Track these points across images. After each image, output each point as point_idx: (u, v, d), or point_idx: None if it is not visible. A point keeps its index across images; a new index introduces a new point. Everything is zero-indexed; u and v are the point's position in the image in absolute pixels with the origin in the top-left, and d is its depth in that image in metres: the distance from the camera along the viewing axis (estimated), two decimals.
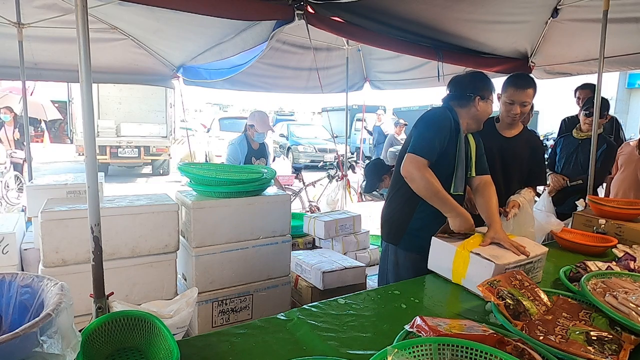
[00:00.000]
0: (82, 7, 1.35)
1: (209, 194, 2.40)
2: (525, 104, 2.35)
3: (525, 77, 2.42)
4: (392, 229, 2.19)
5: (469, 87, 2.08)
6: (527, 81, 2.36)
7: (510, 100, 2.37)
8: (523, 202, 2.35)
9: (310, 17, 2.80)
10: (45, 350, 0.73)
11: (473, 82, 2.10)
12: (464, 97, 2.08)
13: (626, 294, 1.35)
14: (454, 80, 2.17)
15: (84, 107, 1.38)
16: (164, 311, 1.34)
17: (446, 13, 3.31)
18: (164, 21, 3.34)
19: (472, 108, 2.07)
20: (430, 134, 1.95)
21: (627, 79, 15.32)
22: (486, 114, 2.12)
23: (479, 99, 2.05)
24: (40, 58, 3.88)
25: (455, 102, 2.11)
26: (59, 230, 1.91)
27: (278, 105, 30.60)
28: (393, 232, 2.18)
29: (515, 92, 2.34)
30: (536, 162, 2.52)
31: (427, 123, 2.00)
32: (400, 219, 2.14)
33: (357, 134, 15.64)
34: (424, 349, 0.99)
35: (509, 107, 2.39)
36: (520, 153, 2.49)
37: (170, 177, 11.60)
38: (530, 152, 2.50)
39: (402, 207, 2.13)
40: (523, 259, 1.62)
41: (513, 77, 2.43)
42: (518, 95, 2.34)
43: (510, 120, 2.44)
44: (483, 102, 2.07)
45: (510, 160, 2.49)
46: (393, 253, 2.18)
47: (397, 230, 2.15)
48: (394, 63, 4.89)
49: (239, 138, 3.81)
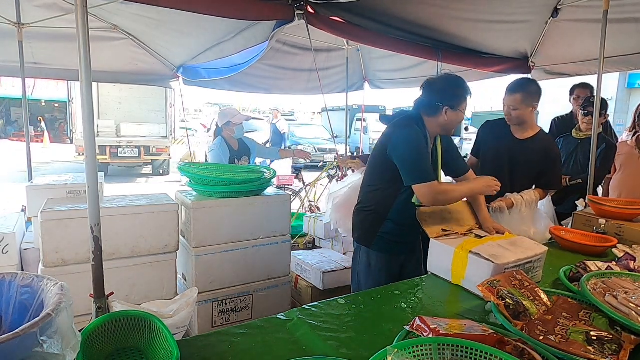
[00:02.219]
0: (82, 7, 1.35)
1: (209, 194, 2.40)
2: (513, 107, 2.43)
3: (518, 81, 2.49)
4: (364, 231, 2.18)
5: (438, 96, 2.04)
6: (514, 86, 2.44)
7: (504, 103, 2.49)
8: (518, 201, 2.36)
9: (310, 17, 2.80)
10: (45, 350, 0.73)
11: (443, 91, 2.05)
12: (433, 107, 2.05)
13: (626, 294, 1.35)
14: (426, 83, 2.11)
15: (84, 107, 1.38)
16: (164, 311, 1.34)
17: (446, 13, 3.31)
18: (164, 14, 3.33)
19: (440, 117, 2.04)
20: (417, 157, 1.95)
21: (627, 79, 15.32)
22: (455, 123, 2.09)
23: (447, 109, 2.02)
24: (40, 58, 3.89)
25: (424, 110, 2.08)
26: (59, 230, 1.91)
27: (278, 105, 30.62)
28: (365, 235, 2.17)
29: (506, 95, 2.47)
30: (548, 165, 2.52)
31: (409, 148, 1.97)
32: (372, 222, 2.13)
33: (357, 133, 15.65)
34: (424, 349, 0.99)
35: (504, 109, 2.50)
36: (530, 155, 2.49)
37: (170, 177, 11.60)
38: (543, 155, 2.50)
39: (374, 210, 2.13)
40: (522, 258, 1.62)
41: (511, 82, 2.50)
42: (507, 99, 2.47)
43: (509, 121, 2.51)
44: (452, 112, 2.03)
45: (519, 162, 2.51)
46: (365, 254, 2.17)
47: (369, 233, 2.14)
48: (394, 61, 4.88)
49: (217, 142, 3.59)
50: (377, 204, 2.12)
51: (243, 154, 3.71)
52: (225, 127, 3.60)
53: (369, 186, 2.19)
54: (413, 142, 1.96)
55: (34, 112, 19.97)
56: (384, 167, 2.06)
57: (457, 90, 2.05)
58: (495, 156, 2.59)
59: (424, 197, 1.92)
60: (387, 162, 2.03)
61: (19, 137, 18.94)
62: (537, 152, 2.50)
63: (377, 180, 2.14)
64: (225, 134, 3.61)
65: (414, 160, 1.95)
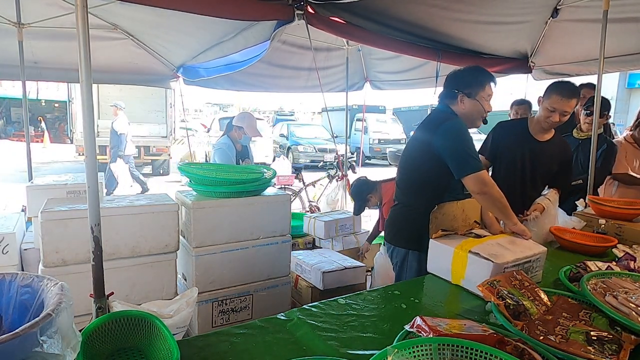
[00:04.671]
0: (82, 7, 1.35)
1: (209, 194, 2.40)
2: (566, 113, 2.34)
3: (570, 86, 2.36)
4: (413, 235, 2.05)
5: (454, 83, 2.02)
6: (572, 92, 2.31)
7: (552, 108, 2.34)
8: (548, 205, 2.40)
9: (310, 17, 2.81)
10: (45, 350, 0.73)
11: (460, 78, 2.02)
12: (451, 95, 2.02)
13: (626, 294, 1.35)
14: (448, 75, 2.12)
15: (84, 107, 1.38)
16: (164, 311, 1.34)
17: (446, 14, 3.31)
18: (165, 15, 3.33)
19: (459, 106, 2.01)
20: (465, 147, 1.89)
21: (627, 79, 15.33)
22: (476, 113, 2.03)
23: (462, 96, 1.99)
24: (41, 57, 3.89)
25: (447, 101, 2.07)
26: (59, 230, 1.91)
27: (278, 105, 30.65)
28: (416, 238, 2.02)
29: (560, 100, 2.31)
30: (565, 167, 2.54)
31: (457, 139, 1.91)
32: (423, 223, 1.89)
33: (357, 134, 15.66)
34: (424, 349, 0.99)
35: (549, 114, 2.36)
36: (551, 157, 2.50)
37: (170, 177, 11.60)
38: (561, 157, 2.52)
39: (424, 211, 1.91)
40: (522, 257, 1.62)
41: (559, 84, 2.37)
42: (561, 104, 2.31)
43: (548, 126, 2.43)
44: (469, 101, 1.99)
45: (541, 164, 2.50)
46: (416, 260, 2.05)
47: (419, 236, 1.98)
48: (394, 63, 4.89)
49: (225, 141, 3.64)
50: (425, 204, 1.95)
51: (245, 156, 3.81)
52: (237, 129, 3.67)
53: (411, 186, 2.11)
54: (461, 133, 1.92)
55: (34, 112, 19.98)
56: (430, 164, 1.99)
57: (472, 77, 2.01)
58: (514, 158, 2.53)
59: (473, 186, 1.86)
60: (432, 159, 1.96)
61: (19, 137, 18.94)
62: (557, 154, 2.51)
63: (421, 179, 2.06)
64: (233, 134, 3.68)
65: (464, 152, 1.89)
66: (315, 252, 3.39)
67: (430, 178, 2.03)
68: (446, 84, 2.09)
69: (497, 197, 1.88)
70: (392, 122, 17.46)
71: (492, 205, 1.90)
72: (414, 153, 2.12)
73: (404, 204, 2.17)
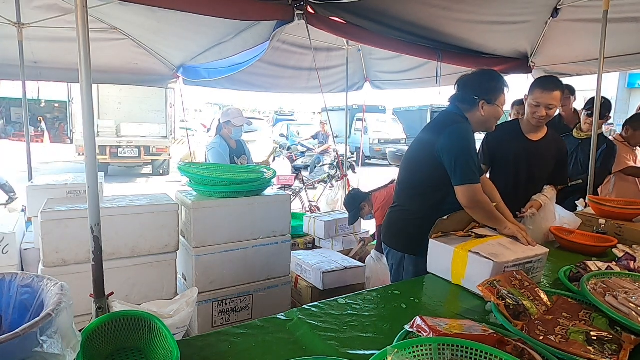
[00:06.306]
0: (82, 7, 1.35)
1: (209, 194, 2.40)
2: (551, 106, 2.32)
3: (552, 79, 2.37)
4: (409, 239, 2.06)
5: (473, 89, 2.00)
6: (554, 83, 2.31)
7: (536, 103, 2.33)
8: (545, 201, 2.39)
9: (310, 17, 2.81)
10: (45, 350, 0.73)
11: (478, 84, 2.01)
12: (469, 100, 2.01)
13: (626, 294, 1.35)
14: (461, 80, 2.09)
15: (84, 107, 1.38)
16: (164, 311, 1.34)
17: (446, 14, 3.31)
18: (164, 21, 3.35)
19: (477, 112, 2.00)
20: (467, 155, 1.87)
21: (627, 79, 15.35)
22: (493, 118, 2.03)
23: (484, 102, 1.98)
24: (41, 57, 3.89)
25: (461, 105, 2.04)
26: (59, 230, 1.91)
27: (278, 105, 30.65)
28: (411, 243, 2.04)
29: (542, 94, 2.30)
30: (560, 163, 2.53)
31: (460, 144, 1.89)
32: (421, 228, 1.93)
33: (357, 134, 15.66)
34: (424, 349, 0.99)
35: (535, 109, 2.35)
36: (546, 156, 2.49)
37: (170, 177, 11.60)
38: (556, 154, 2.52)
39: (422, 216, 1.98)
40: (522, 257, 1.62)
41: (540, 79, 2.38)
42: (544, 98, 2.30)
43: (536, 122, 2.40)
44: (489, 107, 1.99)
45: (537, 164, 2.48)
46: (412, 264, 2.05)
47: (415, 240, 2.00)
48: (394, 63, 4.89)
49: (217, 140, 3.63)
50: (425, 209, 1.99)
51: (241, 152, 3.78)
52: (226, 125, 3.67)
53: (412, 189, 2.09)
54: (466, 139, 1.90)
55: (34, 112, 19.98)
56: (431, 168, 1.97)
57: (492, 83, 2.01)
58: (509, 160, 2.51)
59: (464, 197, 1.84)
60: (434, 163, 1.95)
61: (19, 137, 18.93)
62: (552, 152, 2.50)
63: (422, 182, 2.05)
64: (224, 132, 3.68)
65: (465, 159, 1.86)
66: (315, 252, 3.39)
67: (431, 181, 2.01)
68: (463, 89, 2.05)
69: (486, 211, 1.87)
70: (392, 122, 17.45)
71: (479, 217, 1.89)
72: (417, 154, 2.10)
73: (402, 206, 2.15)
